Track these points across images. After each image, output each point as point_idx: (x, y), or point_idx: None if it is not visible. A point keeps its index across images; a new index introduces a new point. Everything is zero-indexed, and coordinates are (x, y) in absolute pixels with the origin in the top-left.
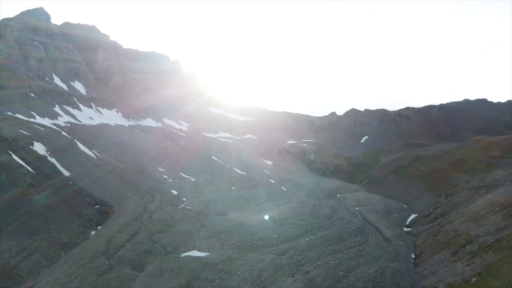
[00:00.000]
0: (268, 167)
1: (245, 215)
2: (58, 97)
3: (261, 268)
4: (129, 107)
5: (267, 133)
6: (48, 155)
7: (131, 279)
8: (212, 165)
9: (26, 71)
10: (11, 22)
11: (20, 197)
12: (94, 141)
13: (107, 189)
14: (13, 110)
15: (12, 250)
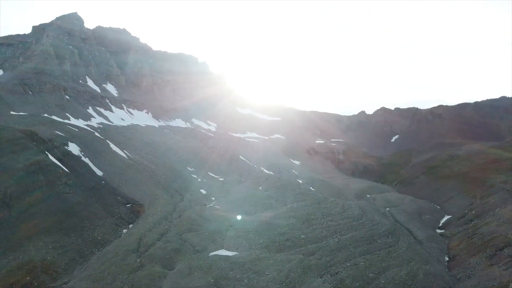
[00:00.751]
0: (296, 167)
1: (272, 215)
2: (91, 99)
3: (289, 269)
4: (159, 108)
5: (295, 133)
6: (82, 155)
7: (161, 277)
8: (240, 164)
9: (61, 74)
10: (47, 27)
11: (56, 195)
12: (125, 141)
13: (138, 188)
14: (49, 112)
15: (48, 247)
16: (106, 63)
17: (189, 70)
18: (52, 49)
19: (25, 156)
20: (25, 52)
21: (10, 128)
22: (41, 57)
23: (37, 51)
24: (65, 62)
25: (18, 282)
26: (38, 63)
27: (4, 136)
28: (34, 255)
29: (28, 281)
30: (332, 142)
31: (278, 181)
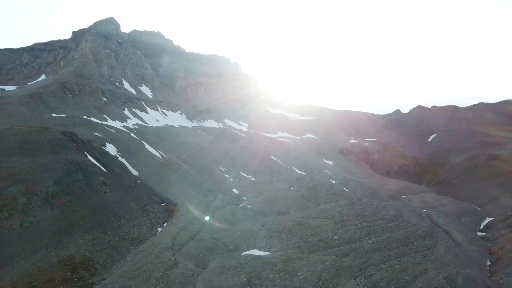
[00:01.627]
0: (328, 167)
1: (305, 215)
2: (127, 101)
3: (322, 270)
4: (192, 109)
5: (328, 133)
6: (118, 155)
7: (194, 275)
8: (271, 165)
9: (99, 77)
10: (86, 32)
11: (94, 194)
12: (160, 142)
13: (172, 187)
14: (88, 114)
15: (88, 244)
16: (141, 66)
17: (221, 71)
18: (91, 53)
19: (65, 156)
20: (65, 57)
21: (52, 130)
22: (80, 61)
23: (77, 56)
24: (102, 65)
25: (59, 277)
26: (77, 67)
27: (46, 137)
28: (74, 252)
29: (68, 276)
30: (366, 141)
31: (311, 181)
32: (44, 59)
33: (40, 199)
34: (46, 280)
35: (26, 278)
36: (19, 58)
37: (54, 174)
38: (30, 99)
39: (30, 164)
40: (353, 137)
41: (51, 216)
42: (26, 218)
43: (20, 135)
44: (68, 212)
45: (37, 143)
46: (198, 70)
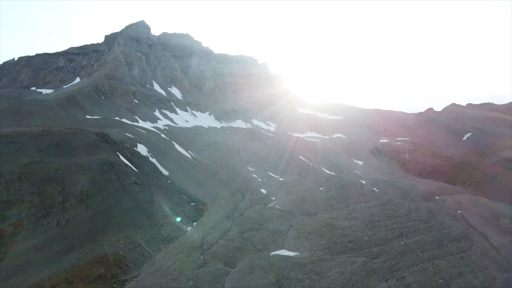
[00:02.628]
0: (358, 167)
1: (334, 216)
2: (158, 102)
3: (352, 271)
4: (221, 110)
5: (357, 132)
6: (149, 155)
7: (223, 274)
8: (300, 164)
9: (130, 79)
10: (118, 35)
11: (126, 194)
12: (189, 142)
13: (202, 187)
14: (120, 115)
15: (120, 242)
16: (171, 68)
17: (249, 71)
18: (122, 56)
19: (99, 157)
20: (98, 60)
21: (86, 131)
22: (112, 64)
23: (109, 59)
24: (133, 68)
25: (94, 273)
26: (110, 69)
27: (81, 138)
28: (107, 249)
29: (102, 273)
30: (397, 141)
31: (340, 181)
32: (78, 62)
33: (75, 198)
34: (81, 276)
35: (63, 274)
36: (55, 62)
37: (88, 174)
38: (66, 102)
39: (66, 164)
40: (383, 136)
41: (86, 215)
42: (62, 217)
43: (57, 136)
44: (101, 211)
45: (72, 144)
46: (226, 71)
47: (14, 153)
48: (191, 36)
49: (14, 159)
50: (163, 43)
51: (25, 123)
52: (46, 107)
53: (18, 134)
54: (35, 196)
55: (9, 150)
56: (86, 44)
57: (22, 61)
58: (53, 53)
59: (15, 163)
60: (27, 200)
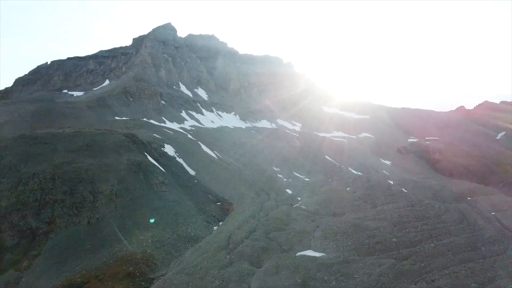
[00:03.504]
0: (386, 167)
1: (361, 216)
2: (184, 104)
3: (380, 273)
4: (246, 110)
5: (385, 131)
6: (176, 156)
7: (249, 274)
8: (326, 164)
9: (157, 81)
10: (145, 38)
11: (154, 193)
12: (215, 142)
13: (227, 187)
14: (148, 116)
15: (148, 241)
16: (197, 69)
17: (274, 71)
18: (150, 58)
19: (127, 157)
20: (127, 62)
21: (115, 132)
22: (140, 66)
23: (137, 61)
24: (160, 69)
25: (123, 271)
26: (137, 72)
27: (110, 139)
28: (136, 248)
29: (131, 271)
30: (426, 140)
31: (367, 182)
32: (107, 65)
33: (105, 198)
34: (111, 274)
35: (93, 271)
36: (86, 65)
37: (117, 174)
38: (96, 104)
39: (96, 164)
40: (412, 135)
41: (115, 214)
42: (92, 215)
43: (87, 137)
44: (129, 210)
45: (102, 145)
46: (251, 71)
47: (47, 154)
48: (216, 37)
49: (47, 159)
50: (189, 45)
51: (58, 125)
52: (77, 109)
53: (51, 135)
54: (67, 195)
55: (42, 151)
56: (115, 47)
57: (54, 65)
58: (84, 57)
59: (48, 163)
60: (59, 199)
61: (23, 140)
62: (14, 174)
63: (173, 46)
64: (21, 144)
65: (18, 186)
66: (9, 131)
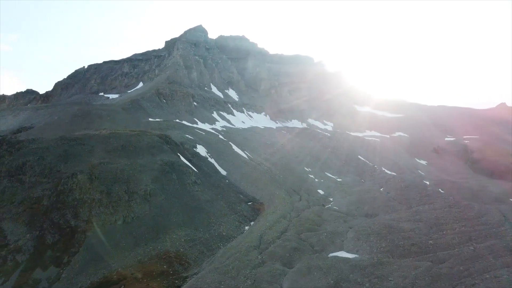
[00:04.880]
0: (421, 167)
1: (395, 218)
2: (216, 105)
3: (416, 276)
4: (276, 110)
5: (420, 130)
6: (208, 156)
7: (281, 274)
8: (359, 165)
9: (189, 82)
10: (177, 41)
11: (187, 193)
12: (245, 142)
13: (258, 187)
14: (180, 117)
15: (181, 240)
16: (228, 70)
17: (305, 70)
18: (182, 60)
19: (161, 158)
20: (160, 65)
21: (149, 133)
22: (172, 68)
23: (169, 63)
24: (192, 71)
25: (157, 269)
26: (170, 74)
27: (144, 140)
28: (169, 247)
29: (165, 269)
30: (464, 139)
31: (402, 182)
32: (141, 68)
33: (140, 197)
34: (146, 272)
35: (129, 269)
36: (121, 69)
37: (151, 174)
38: (130, 106)
39: (131, 164)
40: (449, 134)
41: (149, 213)
42: (128, 214)
43: (123, 138)
44: (163, 209)
45: (136, 146)
46: (282, 71)
47: (85, 155)
48: (246, 38)
49: (85, 160)
50: (220, 46)
51: (95, 127)
52: (113, 111)
53: (88, 136)
54: (104, 195)
55: (80, 152)
56: (148, 50)
57: (91, 68)
58: (119, 60)
59: (86, 164)
60: (96, 199)
61: (62, 141)
62: (55, 174)
63: (204, 48)
64: (61, 145)
65: (58, 186)
66: (50, 133)
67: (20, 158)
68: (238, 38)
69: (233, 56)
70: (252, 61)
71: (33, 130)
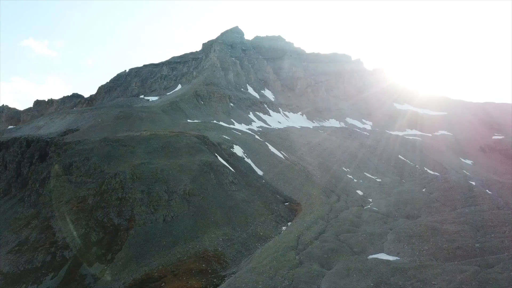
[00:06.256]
0: (467, 167)
1: (439, 219)
2: (252, 105)
3: (462, 281)
4: (313, 109)
5: (465, 129)
6: (245, 156)
7: (319, 276)
8: (399, 164)
9: (226, 84)
10: (214, 42)
11: (224, 192)
12: (282, 142)
13: (295, 187)
14: (217, 118)
15: (219, 239)
16: (264, 70)
17: (343, 69)
18: (218, 62)
19: (199, 158)
20: (197, 67)
21: (187, 134)
22: (209, 70)
23: (206, 65)
24: (228, 73)
25: (196, 268)
26: (207, 75)
27: (183, 141)
28: (208, 246)
29: (203, 268)
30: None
31: (445, 182)
32: (179, 70)
33: (179, 197)
34: (185, 270)
35: (169, 266)
36: (160, 72)
37: (190, 174)
38: (169, 108)
39: (171, 165)
40: (497, 132)
41: (188, 212)
42: (168, 214)
43: (162, 139)
44: (202, 208)
45: (175, 146)
46: (318, 70)
47: (127, 155)
48: (282, 38)
49: (127, 160)
50: (256, 47)
51: (136, 128)
52: (153, 113)
53: (130, 138)
54: (145, 194)
55: (123, 153)
56: (186, 53)
57: (132, 72)
58: (158, 63)
59: (128, 164)
60: (138, 198)
61: (106, 142)
62: (99, 174)
63: (240, 49)
64: (104, 147)
65: (102, 185)
66: (94, 134)
67: (67, 159)
68: (274, 38)
69: (269, 56)
70: (288, 60)
71: (79, 132)
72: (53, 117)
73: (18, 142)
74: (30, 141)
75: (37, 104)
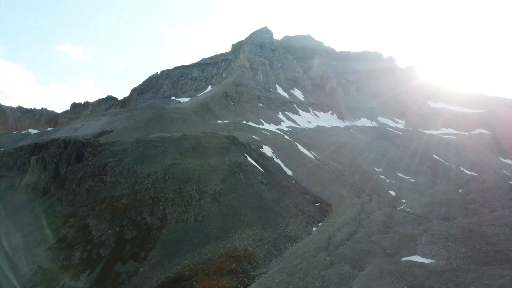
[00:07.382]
0: (507, 166)
1: (476, 221)
2: (281, 105)
3: (502, 285)
4: (344, 109)
5: (505, 127)
6: (274, 156)
7: (351, 277)
8: (434, 164)
9: (255, 84)
10: (243, 43)
11: (254, 192)
12: (312, 142)
13: (326, 188)
14: (247, 119)
15: (249, 239)
16: (293, 70)
17: (374, 67)
18: (248, 63)
19: (229, 158)
20: (227, 68)
21: (218, 135)
22: (239, 71)
23: (236, 66)
24: (258, 73)
25: (226, 267)
26: (237, 76)
27: (213, 141)
28: (238, 245)
29: (234, 267)
30: None
31: (483, 183)
32: (209, 72)
33: (209, 196)
34: (216, 269)
35: (200, 265)
36: (190, 73)
37: (220, 174)
38: (200, 109)
39: (201, 165)
40: None
41: (218, 212)
42: (198, 213)
43: (193, 140)
44: (232, 208)
45: (206, 147)
46: (349, 68)
47: (159, 156)
48: (312, 37)
49: (159, 161)
50: (285, 46)
51: (168, 129)
52: (184, 114)
53: (162, 139)
54: (176, 194)
55: (155, 153)
56: (215, 54)
57: (163, 74)
58: (188, 65)
59: (160, 164)
60: (170, 198)
61: (139, 143)
62: (132, 175)
63: (269, 49)
64: (137, 147)
65: (135, 185)
66: (127, 136)
67: (102, 159)
68: (304, 37)
69: (299, 55)
70: (318, 59)
71: (113, 134)
72: (88, 119)
73: (56, 144)
74: (67, 143)
75: (74, 106)
